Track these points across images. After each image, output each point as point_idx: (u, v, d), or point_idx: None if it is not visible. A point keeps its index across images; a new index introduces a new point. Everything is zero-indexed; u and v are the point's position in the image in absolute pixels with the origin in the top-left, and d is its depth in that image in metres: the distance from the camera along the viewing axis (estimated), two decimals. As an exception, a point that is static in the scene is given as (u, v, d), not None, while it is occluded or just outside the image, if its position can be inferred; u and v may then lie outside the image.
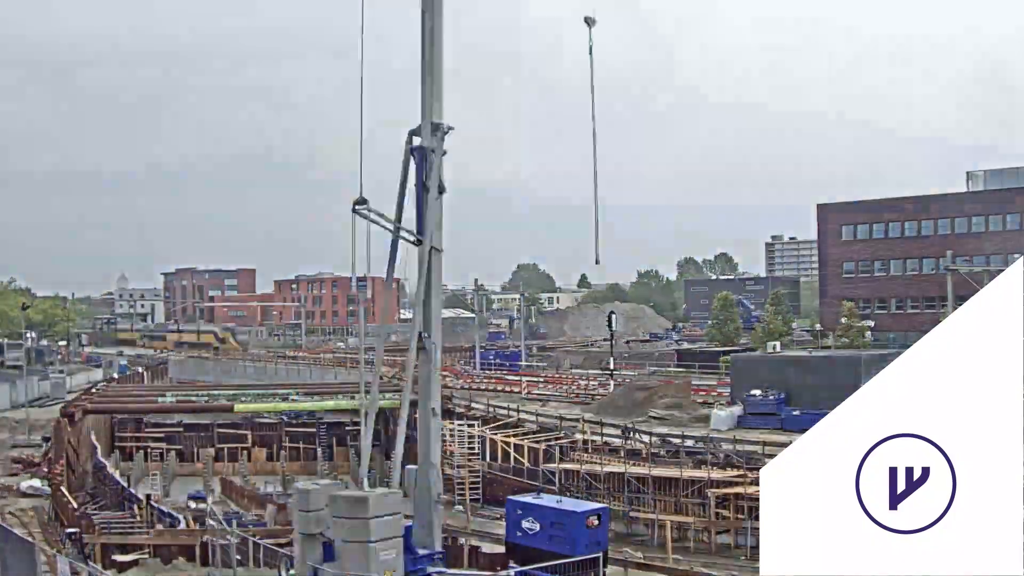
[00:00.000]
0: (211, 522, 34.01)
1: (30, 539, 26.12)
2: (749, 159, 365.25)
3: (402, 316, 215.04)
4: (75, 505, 41.19)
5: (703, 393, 64.53)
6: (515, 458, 51.27)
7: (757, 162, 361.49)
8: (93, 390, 78.16)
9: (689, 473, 41.15)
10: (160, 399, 68.81)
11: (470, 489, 49.52)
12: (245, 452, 68.89)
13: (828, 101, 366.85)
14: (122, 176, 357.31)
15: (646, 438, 48.15)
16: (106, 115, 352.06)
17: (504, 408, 60.65)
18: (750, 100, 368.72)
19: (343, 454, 67.23)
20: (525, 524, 27.40)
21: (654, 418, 55.04)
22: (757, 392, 53.67)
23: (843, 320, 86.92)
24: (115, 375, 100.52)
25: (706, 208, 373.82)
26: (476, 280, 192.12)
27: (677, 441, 47.07)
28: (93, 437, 61.30)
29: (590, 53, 23.96)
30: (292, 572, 21.61)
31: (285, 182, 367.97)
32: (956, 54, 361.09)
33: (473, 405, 62.15)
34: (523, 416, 57.77)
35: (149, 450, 68.32)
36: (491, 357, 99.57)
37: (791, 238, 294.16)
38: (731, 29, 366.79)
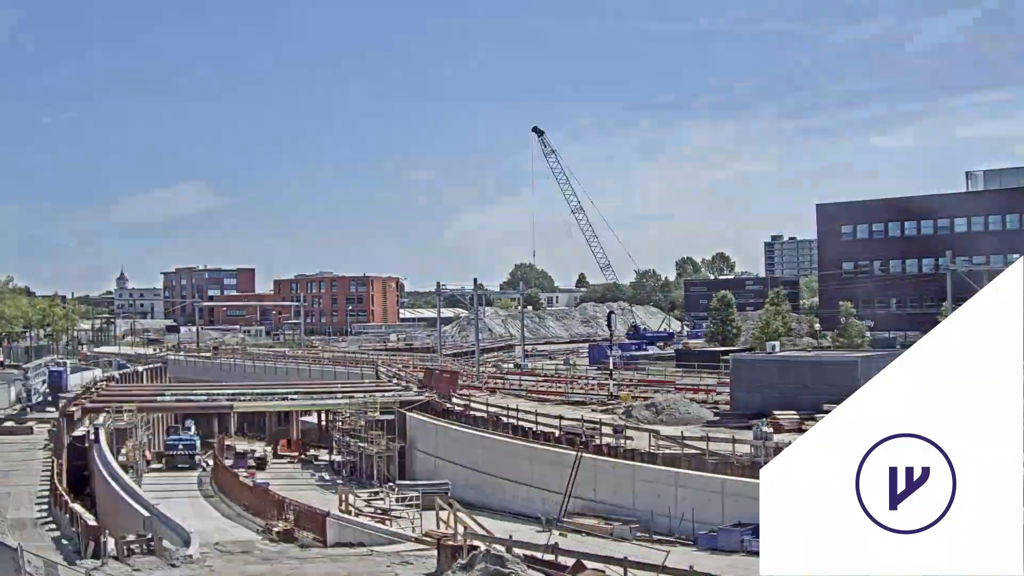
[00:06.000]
0: None
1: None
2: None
3: (402, 316, 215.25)
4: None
5: (703, 393, 64.75)
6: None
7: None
8: (92, 389, 78.02)
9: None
10: (160, 398, 68.76)
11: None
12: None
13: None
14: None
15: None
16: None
17: (503, 408, 60.46)
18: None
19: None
20: None
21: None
22: None
23: (842, 320, 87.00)
24: (115, 374, 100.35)
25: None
26: (475, 280, 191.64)
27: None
28: (92, 435, 61.15)
29: None
30: None
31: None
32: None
33: (472, 405, 61.99)
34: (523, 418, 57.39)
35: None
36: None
37: (791, 238, 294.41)
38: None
